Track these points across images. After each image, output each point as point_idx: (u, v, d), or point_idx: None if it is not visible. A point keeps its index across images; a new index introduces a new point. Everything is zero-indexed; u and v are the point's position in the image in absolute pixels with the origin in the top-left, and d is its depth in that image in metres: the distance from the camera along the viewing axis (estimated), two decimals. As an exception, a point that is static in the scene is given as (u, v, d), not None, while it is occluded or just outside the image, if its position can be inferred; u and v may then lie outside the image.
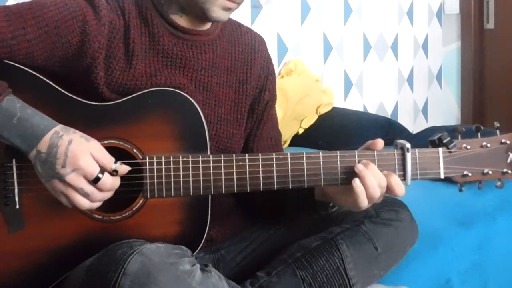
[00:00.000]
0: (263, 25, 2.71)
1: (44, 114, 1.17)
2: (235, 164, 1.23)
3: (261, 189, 1.24)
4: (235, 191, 1.24)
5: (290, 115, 2.60)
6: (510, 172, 1.28)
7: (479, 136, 1.28)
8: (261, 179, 1.23)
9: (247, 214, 1.49)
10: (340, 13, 3.10)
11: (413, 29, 3.53)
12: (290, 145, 2.71)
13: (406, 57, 3.50)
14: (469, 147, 1.27)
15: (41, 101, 1.19)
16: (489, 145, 1.27)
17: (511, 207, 2.04)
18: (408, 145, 1.25)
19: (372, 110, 3.32)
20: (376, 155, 1.25)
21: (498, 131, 1.28)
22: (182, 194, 1.22)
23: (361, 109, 3.25)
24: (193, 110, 1.26)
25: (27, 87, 1.21)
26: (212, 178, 1.22)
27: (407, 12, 3.48)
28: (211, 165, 1.22)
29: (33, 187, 1.19)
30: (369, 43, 3.27)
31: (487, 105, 3.82)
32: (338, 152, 1.25)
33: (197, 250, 1.28)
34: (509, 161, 1.28)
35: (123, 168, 1.19)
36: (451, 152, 1.27)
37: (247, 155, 1.24)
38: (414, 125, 3.56)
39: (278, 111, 1.54)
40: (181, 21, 1.32)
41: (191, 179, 1.22)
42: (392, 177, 1.23)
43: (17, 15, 1.19)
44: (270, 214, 1.47)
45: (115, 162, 1.18)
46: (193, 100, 1.27)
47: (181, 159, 1.22)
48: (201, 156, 1.23)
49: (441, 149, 1.27)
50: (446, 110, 3.82)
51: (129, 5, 1.30)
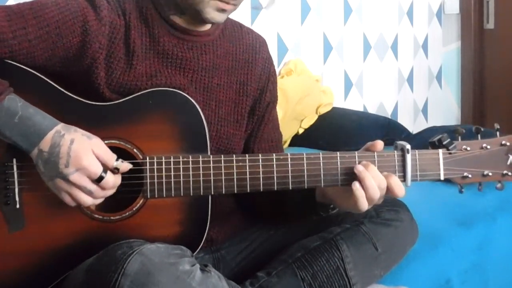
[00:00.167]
0: (263, 25, 2.71)
1: (45, 113, 1.17)
2: (235, 164, 1.23)
3: (261, 190, 1.24)
4: (235, 191, 1.24)
5: (290, 115, 2.60)
6: (510, 174, 1.28)
7: (479, 137, 1.28)
8: (261, 180, 1.23)
9: (247, 214, 1.49)
10: (340, 13, 3.10)
11: (413, 29, 3.53)
12: (290, 145, 2.71)
13: (406, 57, 3.50)
14: (469, 148, 1.27)
15: (42, 101, 1.19)
16: (489, 147, 1.27)
17: (511, 207, 2.04)
18: (408, 146, 1.25)
19: (372, 110, 3.32)
20: (376, 156, 1.25)
21: (498, 133, 1.28)
22: (182, 194, 1.22)
23: (361, 109, 3.25)
24: (193, 110, 1.26)
25: (28, 87, 1.21)
26: (212, 178, 1.22)
27: (407, 12, 3.48)
28: (211, 165, 1.22)
29: (34, 187, 1.20)
30: (369, 43, 3.27)
31: (487, 105, 3.82)
32: (338, 153, 1.25)
33: (197, 250, 1.27)
34: (509, 163, 1.28)
35: (125, 166, 1.19)
36: (451, 153, 1.27)
37: (247, 156, 1.24)
38: (414, 125, 3.56)
39: (278, 111, 1.54)
40: (181, 21, 1.32)
41: (191, 179, 1.22)
42: (391, 178, 1.23)
43: (18, 15, 1.19)
44: (270, 214, 1.47)
45: (117, 159, 1.18)
46: (193, 100, 1.26)
47: (181, 159, 1.22)
48: (201, 156, 1.23)
49: (441, 151, 1.26)
50: (446, 110, 3.82)
51: (129, 6, 1.30)
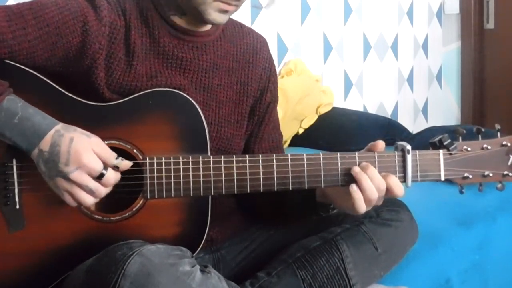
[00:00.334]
0: (263, 25, 2.71)
1: (44, 113, 1.17)
2: (235, 165, 1.22)
3: (261, 190, 1.24)
4: (235, 192, 1.23)
5: (290, 115, 2.60)
6: (510, 174, 1.28)
7: (480, 138, 1.28)
8: (261, 180, 1.23)
9: (247, 214, 1.49)
10: (340, 13, 3.10)
11: (413, 29, 3.53)
12: (290, 145, 2.70)
13: (406, 57, 3.50)
14: (469, 149, 1.27)
15: (41, 101, 1.19)
16: (489, 147, 1.27)
17: (511, 207, 2.04)
18: (408, 147, 1.25)
19: (372, 110, 3.32)
20: (376, 157, 1.25)
21: (499, 133, 1.28)
22: (182, 194, 1.22)
23: (361, 109, 3.25)
24: (193, 111, 1.26)
25: (27, 87, 1.21)
26: (212, 179, 1.22)
27: (407, 12, 3.47)
28: (211, 166, 1.22)
29: (34, 187, 1.20)
30: (369, 43, 3.27)
31: (487, 105, 3.82)
32: (338, 153, 1.25)
33: (197, 251, 1.27)
34: (509, 163, 1.27)
35: (125, 163, 1.19)
36: (451, 154, 1.26)
37: (247, 156, 1.23)
38: (414, 125, 3.56)
39: (278, 111, 1.54)
40: (181, 22, 1.32)
41: (191, 180, 1.22)
42: (390, 178, 1.23)
43: (17, 15, 1.18)
44: (270, 215, 1.47)
45: (117, 157, 1.18)
46: (193, 101, 1.26)
47: (181, 160, 1.22)
48: (201, 157, 1.22)
49: (441, 151, 1.26)
50: (446, 110, 3.82)
51: (129, 6, 1.29)
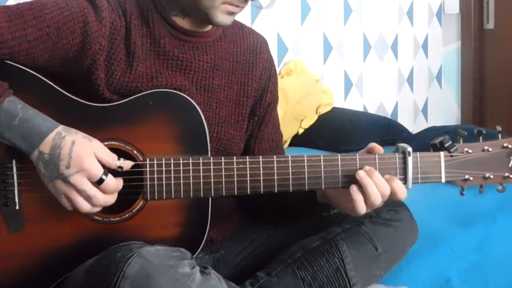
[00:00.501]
0: (263, 25, 2.71)
1: (45, 115, 1.16)
2: (235, 166, 1.22)
3: (262, 192, 1.23)
4: (236, 193, 1.23)
5: (290, 115, 2.60)
6: (511, 176, 1.28)
7: (481, 140, 1.27)
8: (262, 182, 1.23)
9: (247, 214, 1.49)
10: (340, 13, 3.10)
11: (413, 29, 3.53)
12: (290, 145, 2.70)
13: (406, 57, 3.50)
14: (470, 151, 1.26)
15: (41, 102, 1.19)
16: (491, 149, 1.27)
17: (511, 207, 2.04)
18: (409, 149, 1.24)
19: (372, 110, 3.32)
20: (377, 159, 1.24)
21: (500, 135, 1.28)
22: (182, 196, 1.22)
23: (361, 109, 3.25)
24: (194, 111, 1.25)
25: (28, 88, 1.20)
26: (212, 180, 1.22)
27: (407, 12, 3.47)
28: (212, 167, 1.22)
29: (34, 188, 1.19)
30: (369, 43, 3.27)
31: (487, 105, 3.82)
32: (339, 155, 1.24)
33: (198, 251, 1.27)
34: (510, 165, 1.27)
35: (127, 163, 1.19)
36: (452, 156, 1.26)
37: (247, 158, 1.23)
38: (414, 125, 3.56)
39: (278, 111, 1.53)
40: (182, 23, 1.31)
41: (191, 181, 1.21)
42: (394, 182, 1.22)
43: (17, 16, 1.18)
44: (271, 215, 1.47)
45: (118, 158, 1.18)
46: (194, 101, 1.26)
47: (181, 161, 1.21)
48: (201, 158, 1.22)
49: (442, 153, 1.26)
50: (446, 110, 3.82)
51: (130, 6, 1.29)
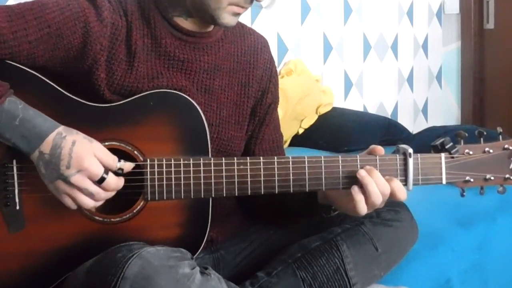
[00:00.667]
0: (263, 25, 2.71)
1: (45, 115, 1.16)
2: (236, 167, 1.22)
3: (262, 193, 1.23)
4: (236, 194, 1.23)
5: (290, 115, 2.60)
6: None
7: (482, 141, 1.27)
8: (262, 183, 1.23)
9: (248, 214, 1.49)
10: (340, 13, 3.10)
11: (413, 29, 3.53)
12: (290, 145, 2.71)
13: (406, 57, 3.50)
14: (471, 152, 1.26)
15: (42, 102, 1.19)
16: (491, 151, 1.26)
17: (511, 207, 2.04)
18: (410, 150, 1.24)
19: (372, 110, 3.32)
20: (378, 160, 1.24)
21: (500, 136, 1.28)
22: (182, 196, 1.22)
23: (361, 109, 3.25)
24: (194, 112, 1.25)
25: (28, 88, 1.20)
26: (213, 181, 1.22)
27: (407, 12, 3.48)
28: (212, 168, 1.22)
29: (34, 188, 1.19)
30: (369, 43, 3.27)
31: (487, 105, 3.82)
32: (340, 156, 1.25)
33: (198, 252, 1.27)
34: (511, 167, 1.27)
35: (128, 165, 1.19)
36: (453, 157, 1.26)
37: (248, 158, 1.23)
38: (414, 125, 3.56)
39: (278, 111, 1.54)
40: (185, 24, 1.31)
41: (192, 181, 1.21)
42: (394, 182, 1.23)
43: (18, 16, 1.18)
44: (271, 216, 1.47)
45: (119, 160, 1.18)
46: (194, 102, 1.26)
47: (182, 162, 1.21)
48: (202, 159, 1.22)
49: (443, 155, 1.26)
50: (446, 110, 3.82)
51: (131, 6, 1.29)
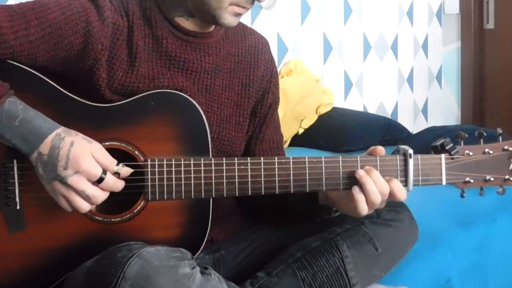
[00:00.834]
0: (263, 25, 2.71)
1: (45, 114, 1.16)
2: (237, 167, 1.22)
3: (263, 193, 1.23)
4: (237, 194, 1.23)
5: (290, 115, 2.60)
6: (511, 179, 1.28)
7: (482, 142, 1.27)
8: (263, 183, 1.22)
9: (248, 214, 1.49)
10: (340, 13, 3.11)
11: (413, 29, 3.53)
12: (290, 145, 2.71)
13: (406, 57, 3.50)
14: (471, 153, 1.26)
15: (43, 102, 1.19)
16: (491, 152, 1.27)
17: (511, 207, 2.05)
18: (410, 151, 1.24)
19: (372, 110, 3.32)
20: (378, 161, 1.24)
21: (500, 138, 1.28)
22: (183, 197, 1.22)
23: (361, 109, 3.26)
24: (195, 112, 1.25)
25: (29, 88, 1.20)
26: (213, 181, 1.22)
27: (407, 12, 3.48)
28: (213, 168, 1.22)
29: (34, 188, 1.19)
30: (369, 43, 3.27)
31: (487, 105, 3.82)
32: (340, 157, 1.25)
33: (198, 252, 1.27)
34: (511, 168, 1.27)
35: (125, 170, 1.19)
36: (453, 158, 1.26)
37: (249, 159, 1.23)
38: (414, 125, 3.56)
39: (278, 112, 1.54)
40: (186, 24, 1.31)
41: (192, 182, 1.21)
42: (393, 182, 1.23)
43: (20, 16, 1.18)
44: (272, 217, 1.47)
45: (117, 164, 1.18)
46: (195, 102, 1.26)
47: (182, 162, 1.21)
48: (203, 159, 1.22)
49: (443, 156, 1.26)
50: (446, 110, 3.82)
51: (133, 6, 1.29)
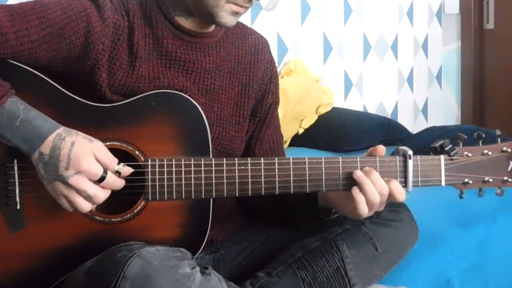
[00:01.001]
0: (263, 25, 2.71)
1: (46, 114, 1.16)
2: (237, 168, 1.22)
3: (263, 193, 1.23)
4: (237, 195, 1.23)
5: (290, 115, 2.60)
6: (510, 180, 1.28)
7: (480, 143, 1.27)
8: (263, 183, 1.22)
9: (248, 214, 1.49)
10: (340, 13, 3.10)
11: (413, 29, 3.53)
12: (290, 145, 2.70)
13: (406, 57, 3.50)
14: (470, 154, 1.27)
15: (43, 102, 1.19)
16: (490, 153, 1.27)
17: (511, 207, 2.05)
18: (410, 152, 1.25)
19: (372, 110, 3.32)
20: (378, 161, 1.24)
21: (499, 139, 1.28)
22: (183, 197, 1.22)
23: (361, 109, 3.25)
24: (196, 112, 1.25)
25: (29, 88, 1.20)
26: (214, 181, 1.22)
27: (407, 12, 3.48)
28: (213, 168, 1.22)
29: (35, 188, 1.19)
30: (369, 43, 3.27)
31: (487, 105, 3.82)
32: (340, 157, 1.25)
33: (198, 252, 1.27)
34: (509, 169, 1.28)
35: (126, 169, 1.19)
36: (452, 159, 1.26)
37: (249, 159, 1.23)
38: (414, 125, 3.56)
39: (278, 112, 1.54)
40: (186, 23, 1.31)
41: (192, 182, 1.21)
42: (392, 183, 1.23)
43: (20, 15, 1.18)
44: (271, 217, 1.47)
45: (118, 163, 1.18)
46: (195, 102, 1.26)
47: (183, 162, 1.21)
48: (203, 159, 1.22)
49: (442, 157, 1.26)
50: (446, 110, 3.82)
51: (133, 6, 1.29)
